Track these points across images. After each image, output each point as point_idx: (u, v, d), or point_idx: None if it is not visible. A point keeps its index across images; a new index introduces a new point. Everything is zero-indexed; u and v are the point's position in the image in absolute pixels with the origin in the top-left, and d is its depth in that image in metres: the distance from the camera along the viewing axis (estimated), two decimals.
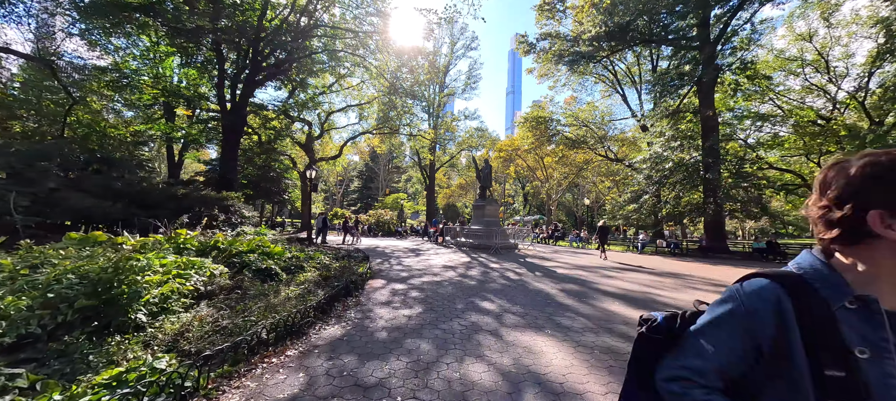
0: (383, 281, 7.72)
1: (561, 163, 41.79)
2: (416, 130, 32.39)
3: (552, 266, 10.97)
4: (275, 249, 7.67)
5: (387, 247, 16.41)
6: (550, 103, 34.73)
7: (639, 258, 15.06)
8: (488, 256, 13.30)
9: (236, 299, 4.56)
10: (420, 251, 14.68)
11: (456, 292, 6.73)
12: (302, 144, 29.63)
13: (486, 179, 17.47)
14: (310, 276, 6.38)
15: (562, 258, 13.66)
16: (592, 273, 9.73)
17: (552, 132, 35.44)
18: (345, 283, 5.90)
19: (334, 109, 31.73)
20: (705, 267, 12.11)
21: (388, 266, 10.05)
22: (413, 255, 13.23)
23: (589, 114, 35.20)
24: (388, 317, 4.96)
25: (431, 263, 10.80)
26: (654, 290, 7.55)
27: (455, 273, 9.09)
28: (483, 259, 12.37)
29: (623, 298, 6.64)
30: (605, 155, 33.37)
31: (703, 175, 17.49)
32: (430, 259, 11.94)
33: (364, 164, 69.71)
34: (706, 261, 14.58)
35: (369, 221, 28.29)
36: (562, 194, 53.40)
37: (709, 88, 18.96)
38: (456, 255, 13.56)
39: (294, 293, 5.11)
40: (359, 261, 9.18)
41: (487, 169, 17.49)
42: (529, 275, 9.10)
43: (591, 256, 14.91)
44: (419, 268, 9.83)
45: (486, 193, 17.75)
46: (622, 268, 11.15)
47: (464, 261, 11.70)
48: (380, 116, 29.60)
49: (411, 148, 36.74)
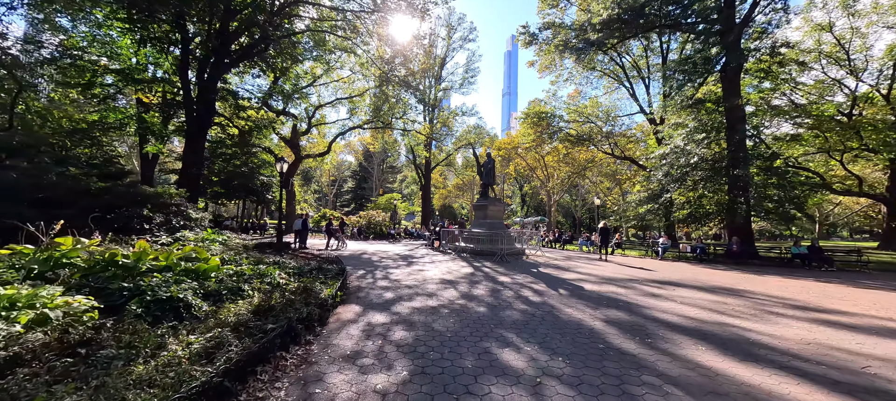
0: (358, 309, 5.61)
1: (563, 162, 39.96)
2: (412, 124, 30.32)
3: (574, 279, 8.92)
4: (207, 264, 5.52)
5: (375, 253, 14.28)
6: (553, 98, 32.79)
7: (663, 266, 13.06)
8: (494, 265, 11.21)
9: (57, 374, 2.43)
10: (413, 259, 12.57)
11: (460, 329, 4.64)
12: (287, 140, 27.40)
13: (489, 175, 15.41)
14: (242, 308, 4.25)
15: (580, 267, 11.61)
16: (630, 289, 7.69)
17: (554, 129, 33.54)
18: (285, 326, 3.77)
19: (323, 103, 29.55)
20: (753, 279, 10.12)
21: (370, 282, 7.92)
22: (404, 264, 11.11)
23: (593, 109, 33.37)
24: (348, 396, 2.86)
25: (426, 277, 8.70)
26: (729, 319, 5.51)
27: (456, 292, 6.99)
28: (488, 269, 10.29)
29: (703, 336, 4.58)
30: (610, 152, 31.46)
31: (731, 171, 15.59)
32: (424, 270, 9.82)
33: (358, 164, 67.47)
34: (744, 269, 12.62)
35: (360, 222, 26.12)
36: (562, 195, 51.59)
37: (734, 76, 17.08)
38: (455, 264, 11.46)
39: (193, 350, 2.99)
40: (331, 276, 7.07)
41: (490, 164, 15.43)
42: (552, 294, 7.02)
43: (610, 265, 12.88)
44: (410, 283, 7.72)
45: (489, 192, 15.68)
46: (659, 281, 9.13)
47: (465, 272, 9.61)
48: (371, 108, 27.46)
49: (406, 145, 34.65)
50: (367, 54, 21.04)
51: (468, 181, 58.06)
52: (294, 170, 28.14)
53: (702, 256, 15.36)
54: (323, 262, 9.51)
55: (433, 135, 31.33)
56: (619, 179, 45.99)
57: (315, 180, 68.53)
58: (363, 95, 27.60)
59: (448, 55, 33.76)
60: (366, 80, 26.38)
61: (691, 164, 15.79)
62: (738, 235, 15.48)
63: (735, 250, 14.83)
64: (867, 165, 26.84)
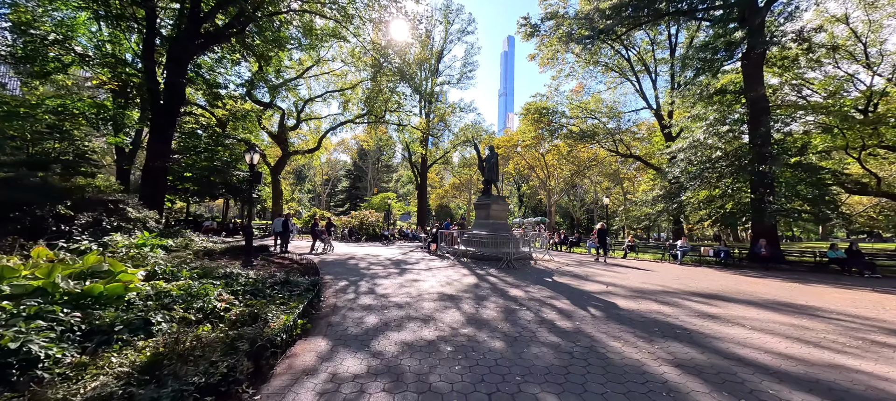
0: (324, 346, 4.01)
1: (565, 160, 38.60)
2: (407, 120, 28.71)
3: (600, 292, 7.38)
4: (110, 284, 3.90)
5: (364, 258, 12.66)
6: (556, 92, 31.36)
7: (688, 273, 11.59)
8: (500, 273, 9.65)
9: None
10: (407, 265, 10.97)
11: (471, 386, 3.07)
12: (274, 135, 25.68)
13: (492, 171, 13.84)
14: (123, 363, 2.64)
15: (600, 275, 10.08)
16: (674, 307, 6.17)
17: (556, 126, 32.11)
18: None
19: (314, 97, 27.87)
20: (804, 290, 8.66)
21: (350, 299, 6.33)
22: (396, 272, 9.51)
23: (596, 105, 32.00)
24: None
25: (422, 290, 7.11)
26: (835, 355, 3.99)
27: (460, 314, 5.42)
28: (494, 278, 8.72)
29: (829, 393, 3.06)
30: (615, 150, 30.07)
31: (757, 167, 14.18)
32: (419, 281, 8.23)
33: (353, 163, 65.64)
34: (781, 276, 11.19)
35: (351, 223, 24.43)
36: (562, 195, 50.28)
37: (757, 63, 15.73)
38: (455, 271, 9.88)
39: None
40: (298, 293, 5.46)
41: (493, 159, 13.87)
42: (584, 316, 5.48)
43: (632, 271, 11.38)
44: (401, 300, 6.14)
45: (492, 189, 14.12)
46: (701, 294, 7.63)
47: (468, 283, 8.04)
48: (364, 102, 25.82)
49: (401, 141, 33.02)
50: (360, 42, 19.42)
51: (465, 181, 56.54)
52: (282, 166, 26.42)
53: (726, 261, 13.92)
54: (294, 272, 7.89)
55: (430, 131, 29.72)
56: (621, 178, 44.78)
57: (309, 180, 66.64)
58: (355, 88, 25.97)
59: (445, 48, 32.20)
60: (359, 71, 24.75)
61: (713, 159, 14.36)
62: (766, 237, 14.07)
63: (764, 254, 13.40)
64: (884, 163, 25.75)
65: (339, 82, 26.99)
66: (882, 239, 45.41)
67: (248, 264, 8.97)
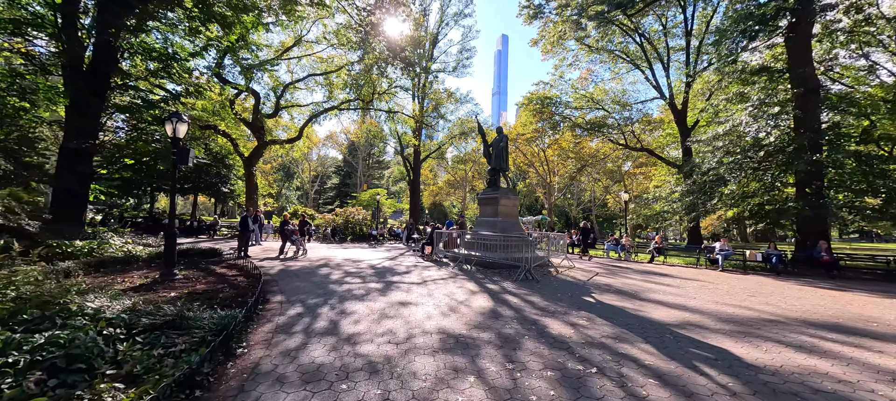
0: None
1: (572, 152, 36.34)
2: (398, 108, 26.05)
3: (681, 323, 4.92)
4: None
5: (342, 264, 10.06)
6: (560, 80, 29.03)
7: (746, 284, 9.24)
8: (518, 288, 7.16)
9: None
10: (393, 277, 8.41)
11: None
12: (248, 122, 22.81)
13: (500, 157, 11.31)
14: None
15: (653, 291, 7.65)
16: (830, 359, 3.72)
17: (560, 118, 29.74)
18: None
19: (296, 80, 25.05)
20: None
21: (290, 348, 3.75)
22: (377, 287, 6.95)
23: (602, 95, 29.73)
24: None
25: (413, 326, 4.57)
26: None
27: (484, 388, 2.90)
28: (516, 299, 6.21)
29: None
30: (624, 143, 27.79)
31: (809, 156, 11.93)
32: (410, 305, 5.68)
33: (343, 159, 62.62)
34: (861, 288, 8.91)
35: (335, 221, 21.73)
36: (563, 193, 48.19)
37: (804, 35, 13.53)
38: (458, 286, 7.35)
39: None
40: (181, 350, 2.92)
41: (502, 143, 11.34)
42: (709, 389, 3.00)
43: (684, 282, 8.99)
44: (377, 352, 3.60)
45: (500, 180, 11.59)
46: (812, 324, 5.23)
47: (481, 308, 5.51)
48: (350, 84, 23.09)
49: (391, 130, 30.33)
50: (345, 9, 16.75)
51: (460, 178, 54.10)
52: (257, 157, 23.58)
53: (778, 268, 11.65)
54: (228, 290, 5.30)
55: (423, 120, 27.09)
56: (621, 176, 42.80)
57: (297, 176, 63.49)
58: (340, 71, 23.22)
59: (441, 31, 29.56)
60: (346, 52, 22.03)
61: (764, 145, 12.06)
62: (824, 237, 11.85)
63: (825, 259, 11.16)
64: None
65: (324, 66, 24.25)
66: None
67: (166, 278, 6.32)
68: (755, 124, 12.34)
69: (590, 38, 27.57)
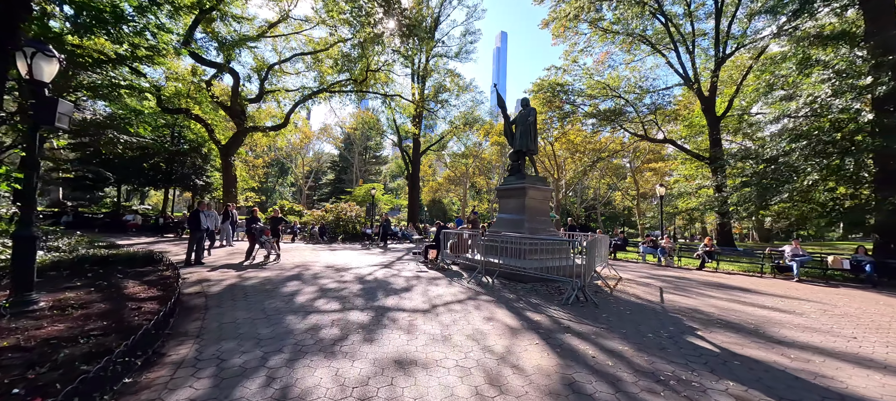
0: None
1: (577, 148, 34.03)
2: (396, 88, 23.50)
3: None
4: None
5: (321, 276, 7.60)
6: (574, 65, 26.62)
7: (842, 298, 6.85)
8: (574, 319, 4.72)
9: None
10: (387, 297, 5.96)
11: None
12: (225, 106, 20.21)
13: (526, 136, 8.83)
14: None
15: (780, 322, 5.22)
16: None
17: (571, 108, 27.31)
18: None
19: (282, 59, 22.47)
20: None
21: None
22: (363, 320, 4.50)
23: (618, 83, 27.34)
24: None
25: None
26: None
27: None
28: (589, 348, 3.76)
29: None
30: (643, 134, 25.38)
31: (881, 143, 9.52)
32: (414, 362, 3.22)
33: (339, 154, 59.88)
34: None
35: (326, 218, 19.23)
36: (573, 190, 45.87)
37: None
38: (482, 315, 4.90)
39: None
40: None
41: (530, 116, 8.84)
42: None
43: (786, 299, 6.59)
44: None
45: (525, 167, 9.13)
46: None
47: (538, 369, 3.06)
48: (343, 63, 20.53)
49: (389, 121, 27.80)
50: None
51: (461, 173, 51.67)
52: (235, 145, 21.01)
53: (874, 277, 9.29)
54: (77, 340, 2.78)
55: (424, 105, 24.55)
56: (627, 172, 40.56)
57: (291, 172, 60.71)
58: (331, 50, 20.66)
59: (443, 12, 27.03)
60: (339, 27, 19.50)
61: (861, 122, 9.64)
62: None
63: None
64: None
65: (314, 44, 21.70)
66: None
67: (17, 307, 3.84)
68: (838, 100, 9.91)
69: (604, 22, 25.30)
